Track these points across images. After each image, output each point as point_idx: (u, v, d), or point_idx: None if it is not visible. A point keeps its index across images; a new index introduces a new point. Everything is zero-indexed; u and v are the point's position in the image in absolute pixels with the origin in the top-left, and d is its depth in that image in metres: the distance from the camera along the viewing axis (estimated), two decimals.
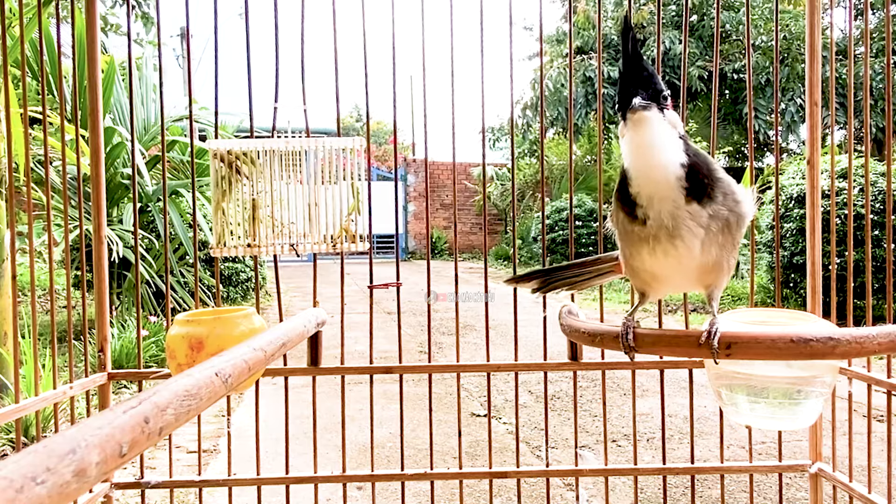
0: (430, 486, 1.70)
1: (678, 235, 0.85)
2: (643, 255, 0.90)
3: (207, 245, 4.30)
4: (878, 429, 2.77)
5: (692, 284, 0.96)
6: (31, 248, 1.61)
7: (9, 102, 1.69)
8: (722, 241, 0.87)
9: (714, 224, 0.86)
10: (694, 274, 0.91)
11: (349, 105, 19.34)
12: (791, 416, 0.98)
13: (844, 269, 4.11)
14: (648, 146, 0.84)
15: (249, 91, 1.67)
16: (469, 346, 5.03)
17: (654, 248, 0.88)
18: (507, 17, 1.64)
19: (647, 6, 11.55)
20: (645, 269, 0.93)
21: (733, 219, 0.87)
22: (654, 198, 0.85)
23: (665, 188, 0.84)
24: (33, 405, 1.49)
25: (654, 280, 0.96)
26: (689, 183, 0.84)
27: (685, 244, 0.86)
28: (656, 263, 0.90)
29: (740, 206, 0.88)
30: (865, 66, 1.59)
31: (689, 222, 0.85)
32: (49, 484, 0.41)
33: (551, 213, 10.02)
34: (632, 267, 0.96)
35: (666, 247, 0.87)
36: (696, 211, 0.84)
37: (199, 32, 1.78)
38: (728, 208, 0.86)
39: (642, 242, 0.89)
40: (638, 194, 0.86)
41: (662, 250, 0.87)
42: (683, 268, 0.90)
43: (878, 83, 9.47)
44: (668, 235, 0.86)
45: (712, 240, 0.86)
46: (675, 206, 0.84)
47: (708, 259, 0.88)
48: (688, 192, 0.84)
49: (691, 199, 0.84)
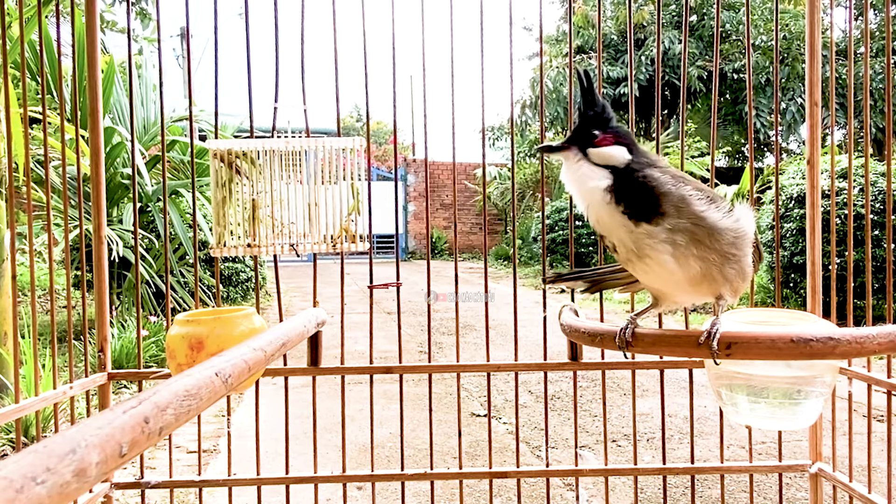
0: (430, 486, 1.70)
1: (645, 255, 0.88)
2: (637, 273, 0.93)
3: (207, 245, 4.30)
4: (878, 429, 2.77)
5: (697, 296, 0.96)
6: (31, 248, 1.61)
7: (9, 102, 1.68)
8: (699, 253, 0.86)
9: (679, 238, 0.85)
10: (688, 286, 0.92)
11: (349, 105, 19.35)
12: (791, 416, 0.98)
13: (844, 269, 4.11)
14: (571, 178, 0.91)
15: (249, 91, 1.67)
16: (469, 346, 5.03)
17: (637, 268, 0.91)
18: (507, 17, 1.64)
19: (647, 6, 11.55)
20: (645, 282, 0.96)
21: (701, 232, 0.86)
22: (596, 220, 0.90)
23: (595, 206, 0.89)
24: (33, 405, 1.49)
25: (660, 292, 0.98)
26: (626, 208, 0.86)
27: (655, 261, 0.87)
28: (648, 279, 0.93)
29: (706, 219, 0.86)
30: (865, 66, 1.59)
31: (648, 240, 0.86)
32: (49, 484, 0.41)
33: (551, 213, 10.01)
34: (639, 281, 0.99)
35: (643, 266, 0.89)
36: (650, 230, 0.86)
37: (199, 32, 1.79)
38: (690, 221, 0.85)
39: (627, 264, 0.92)
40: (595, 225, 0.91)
41: (643, 269, 0.90)
42: (674, 281, 0.91)
43: (878, 83, 9.47)
44: (637, 257, 0.89)
45: (685, 253, 0.86)
46: (628, 230, 0.87)
47: (692, 272, 0.88)
48: (629, 215, 0.86)
49: (638, 220, 0.86)
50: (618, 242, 0.89)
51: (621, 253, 0.90)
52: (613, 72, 11.66)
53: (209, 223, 4.49)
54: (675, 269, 0.88)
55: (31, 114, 2.97)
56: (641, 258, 0.88)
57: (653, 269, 0.89)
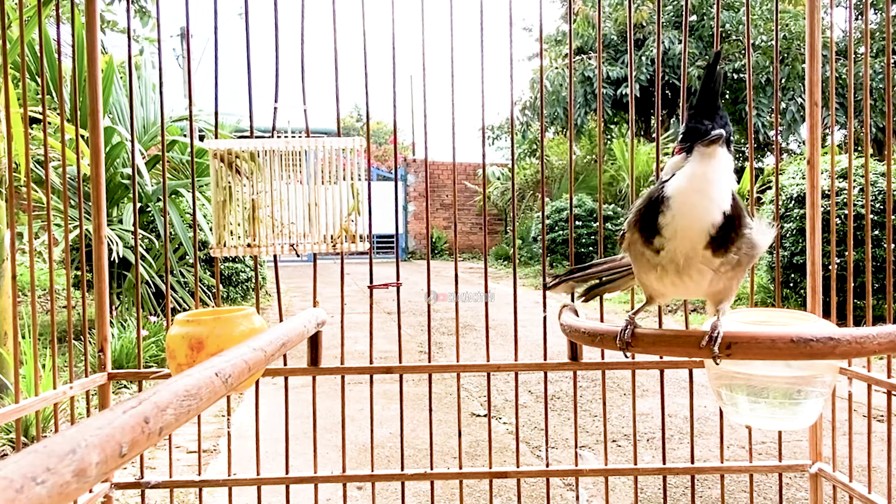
0: (430, 486, 1.70)
1: (686, 273, 0.85)
2: (651, 277, 0.90)
3: (207, 245, 4.30)
4: (878, 429, 2.77)
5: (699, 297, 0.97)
6: (31, 248, 1.61)
7: (9, 102, 1.68)
8: (731, 275, 0.87)
9: (724, 267, 0.85)
10: (700, 295, 0.92)
11: (349, 105, 19.37)
12: (791, 416, 0.98)
13: (844, 269, 4.11)
14: (708, 182, 0.81)
15: (249, 91, 1.67)
16: (469, 346, 5.03)
17: (662, 277, 0.87)
18: (507, 18, 1.64)
19: (646, 5, 11.55)
20: (653, 287, 0.93)
21: (745, 260, 0.87)
22: (678, 234, 0.82)
23: (696, 230, 0.81)
24: (33, 405, 1.49)
25: (662, 296, 0.96)
26: (718, 233, 0.81)
27: (693, 281, 0.85)
28: (662, 288, 0.91)
29: (755, 250, 0.87)
30: (865, 66, 1.59)
31: (700, 265, 0.84)
32: (49, 484, 0.41)
33: (551, 213, 10.02)
34: (640, 280, 0.96)
35: (673, 279, 0.86)
36: (709, 259, 0.83)
37: (199, 32, 1.79)
38: (743, 254, 0.86)
39: (651, 267, 0.87)
40: (666, 225, 0.82)
41: (670, 281, 0.87)
42: (690, 294, 0.91)
43: (878, 83, 9.47)
44: (675, 271, 0.85)
45: (721, 277, 0.86)
46: (693, 250, 0.82)
47: (715, 289, 0.89)
48: (712, 240, 0.81)
49: (710, 246, 0.82)
50: (670, 249, 0.83)
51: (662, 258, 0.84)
52: (613, 72, 11.65)
53: (209, 223, 4.49)
54: (704, 287, 0.87)
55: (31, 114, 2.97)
56: (680, 274, 0.85)
57: (683, 284, 0.86)
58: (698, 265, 0.84)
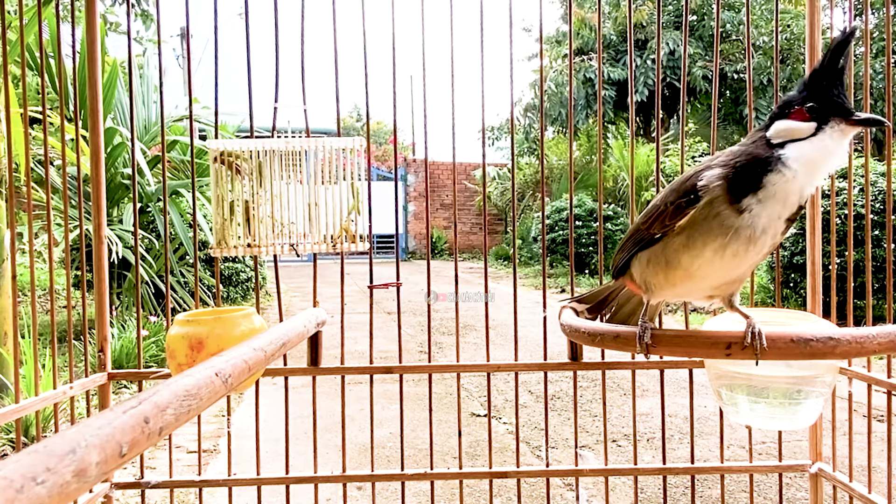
0: (430, 486, 1.70)
1: (754, 240, 0.83)
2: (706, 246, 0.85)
3: (207, 245, 4.29)
4: (878, 429, 2.77)
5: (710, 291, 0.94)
6: (31, 248, 1.61)
7: (9, 102, 1.69)
8: (763, 255, 0.87)
9: (780, 237, 0.86)
10: (724, 280, 0.90)
11: (349, 105, 19.34)
12: (791, 416, 0.98)
13: (844, 269, 4.10)
14: (833, 159, 0.81)
15: (249, 91, 1.67)
16: (469, 346, 5.03)
17: (724, 246, 0.84)
18: (507, 18, 1.64)
19: (646, 5, 11.54)
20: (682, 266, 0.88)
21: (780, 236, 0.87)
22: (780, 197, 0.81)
23: (796, 198, 0.81)
24: (33, 405, 1.49)
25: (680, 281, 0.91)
26: (800, 208, 0.83)
27: (755, 248, 0.84)
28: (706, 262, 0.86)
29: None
30: (865, 67, 1.59)
31: (770, 233, 0.84)
32: (49, 484, 0.41)
33: (551, 213, 10.01)
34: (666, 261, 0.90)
35: (736, 247, 0.84)
36: (778, 228, 0.84)
37: (199, 32, 1.78)
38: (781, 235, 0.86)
39: (720, 232, 0.83)
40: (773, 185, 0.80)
41: (732, 250, 0.84)
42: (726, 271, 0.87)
43: (878, 83, 9.47)
44: (748, 237, 0.83)
45: (761, 251, 0.86)
46: (780, 216, 0.82)
47: (747, 268, 0.88)
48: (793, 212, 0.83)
49: (790, 218, 0.83)
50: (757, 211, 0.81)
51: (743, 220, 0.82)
52: (614, 73, 11.65)
53: (209, 223, 4.49)
54: (753, 261, 0.86)
55: (32, 114, 2.97)
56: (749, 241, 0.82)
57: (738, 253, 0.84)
58: (769, 232, 0.83)
